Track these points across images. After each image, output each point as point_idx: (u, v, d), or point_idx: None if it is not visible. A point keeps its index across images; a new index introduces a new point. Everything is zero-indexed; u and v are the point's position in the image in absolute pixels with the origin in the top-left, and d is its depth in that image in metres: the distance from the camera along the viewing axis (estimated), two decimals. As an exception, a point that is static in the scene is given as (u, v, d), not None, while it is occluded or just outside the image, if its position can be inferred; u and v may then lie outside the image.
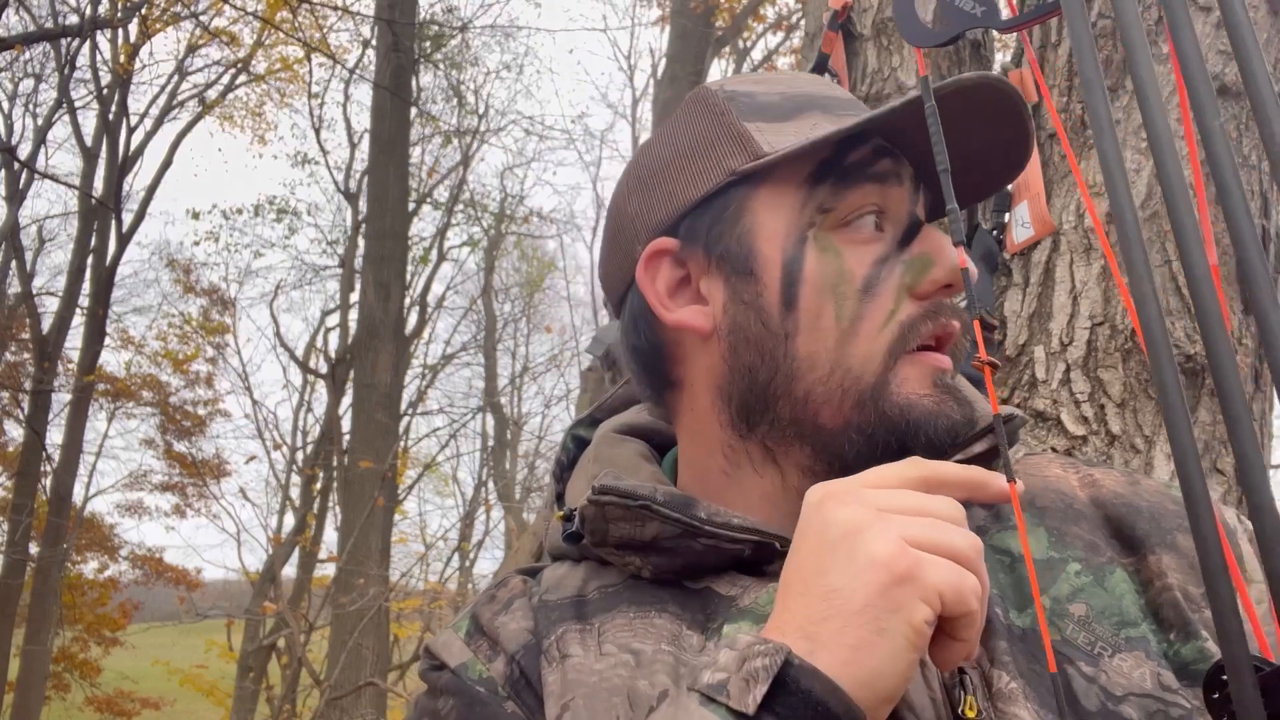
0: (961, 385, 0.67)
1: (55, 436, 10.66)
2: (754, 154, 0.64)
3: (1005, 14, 0.52)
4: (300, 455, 12.85)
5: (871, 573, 0.48)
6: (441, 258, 13.61)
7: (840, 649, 0.48)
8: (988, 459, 0.62)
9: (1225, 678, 0.34)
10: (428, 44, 10.99)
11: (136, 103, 11.85)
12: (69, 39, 8.93)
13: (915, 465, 0.53)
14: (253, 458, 12.82)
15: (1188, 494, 0.35)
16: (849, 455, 0.61)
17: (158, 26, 9.55)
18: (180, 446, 13.69)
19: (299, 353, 13.66)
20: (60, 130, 14.98)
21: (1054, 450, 1.21)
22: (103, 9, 9.26)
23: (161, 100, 11.64)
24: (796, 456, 0.64)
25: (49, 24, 9.45)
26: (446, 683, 0.65)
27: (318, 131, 12.72)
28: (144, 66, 11.28)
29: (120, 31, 9.60)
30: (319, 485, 11.85)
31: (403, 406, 9.73)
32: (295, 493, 12.24)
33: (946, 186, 0.51)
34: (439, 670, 0.67)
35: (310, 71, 11.99)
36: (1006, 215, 1.37)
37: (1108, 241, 1.13)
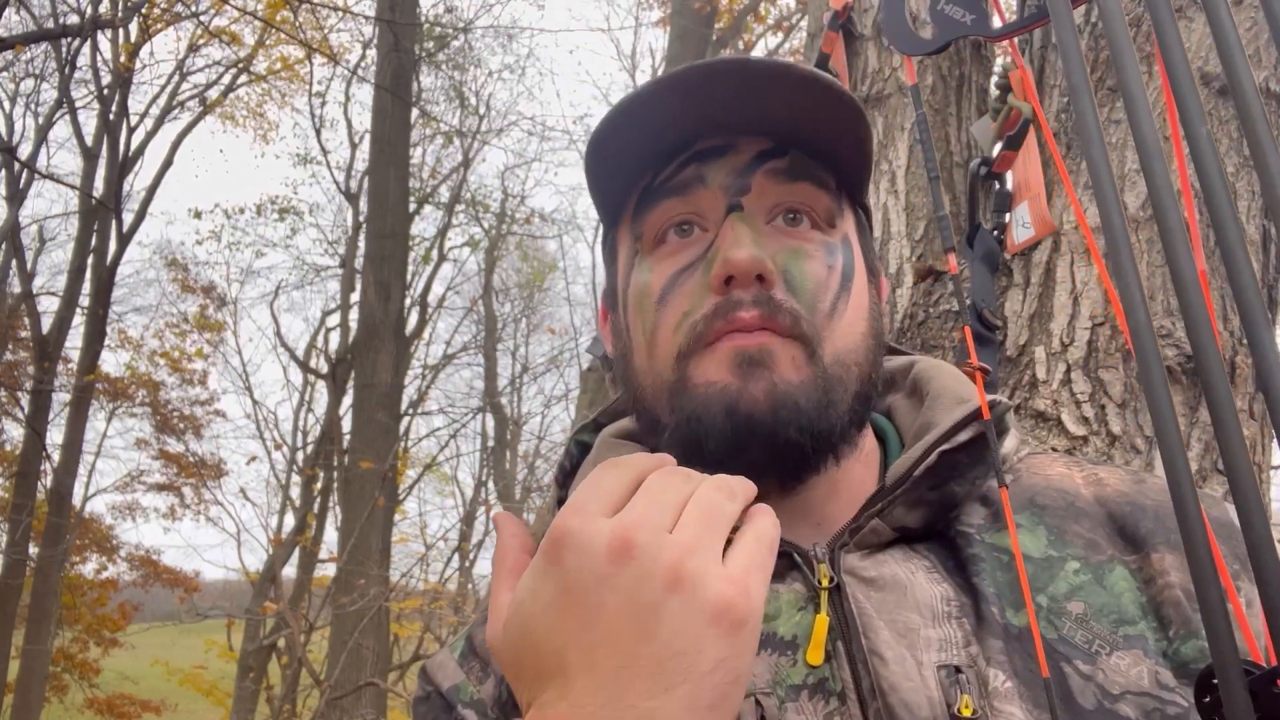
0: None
1: (55, 436, 10.67)
2: (599, 203, 0.72)
3: (996, 22, 0.53)
4: (300, 455, 12.86)
5: (716, 623, 0.42)
6: (442, 258, 13.62)
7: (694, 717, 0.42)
8: (975, 446, 0.63)
9: (1216, 681, 0.34)
10: (430, 44, 10.99)
11: (137, 103, 11.87)
12: (69, 39, 8.93)
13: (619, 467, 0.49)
14: (254, 458, 12.82)
15: (1176, 497, 0.35)
16: (710, 458, 0.61)
17: (158, 26, 9.55)
18: (175, 447, 13.68)
19: (299, 353, 13.67)
20: (61, 130, 15.03)
21: (1054, 450, 1.21)
22: (103, 9, 9.27)
23: (162, 100, 11.65)
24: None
25: (49, 24, 9.45)
26: None
27: (319, 132, 12.73)
28: (144, 66, 11.29)
29: (121, 31, 9.59)
30: (319, 485, 11.84)
31: (403, 407, 9.72)
32: (295, 493, 12.24)
33: (936, 194, 0.52)
34: (426, 701, 0.68)
35: (311, 72, 11.99)
36: (1007, 215, 1.37)
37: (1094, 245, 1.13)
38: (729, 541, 0.46)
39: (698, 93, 0.62)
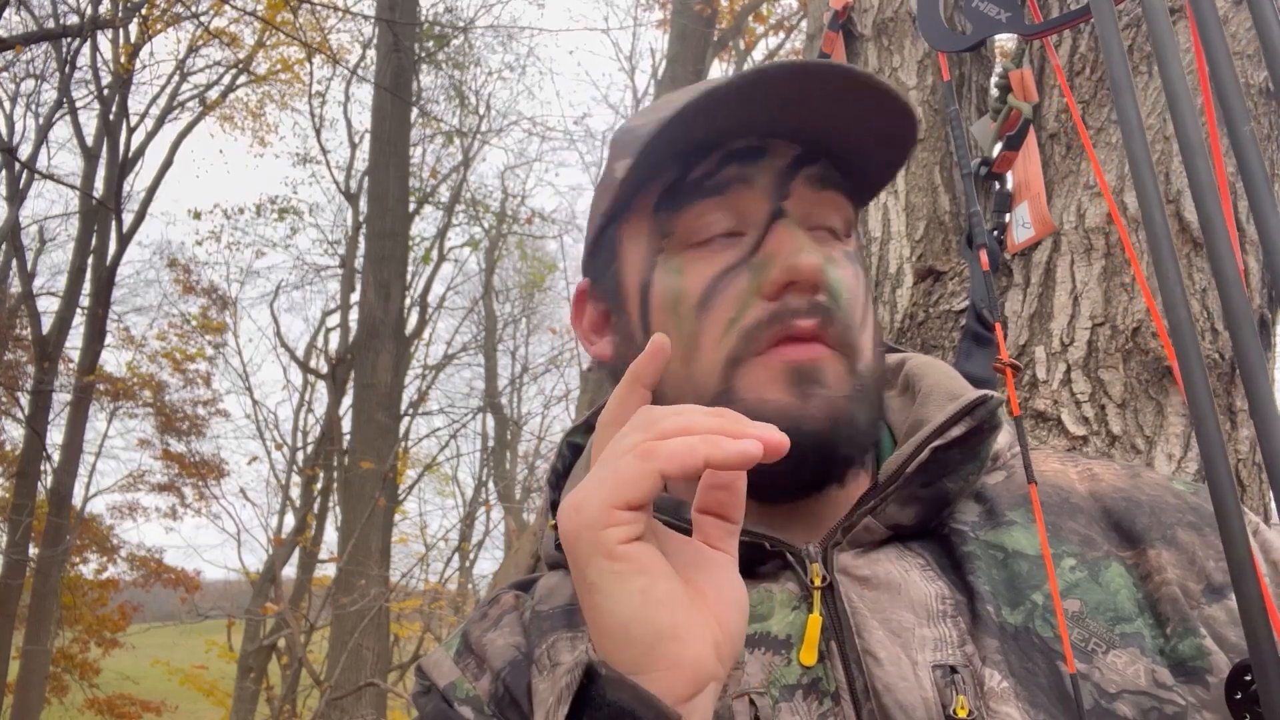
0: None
1: (55, 436, 10.67)
2: (614, 194, 0.67)
3: (1030, 19, 0.52)
4: (300, 455, 12.85)
5: (566, 548, 0.48)
6: (442, 258, 13.62)
7: (596, 630, 0.47)
8: (967, 442, 0.62)
9: (1249, 678, 0.34)
10: (430, 44, 10.99)
11: (137, 103, 11.84)
12: (69, 39, 8.93)
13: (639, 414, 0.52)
14: (254, 459, 12.82)
15: (1215, 491, 0.34)
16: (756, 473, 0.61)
17: (158, 27, 9.55)
18: (178, 447, 13.68)
19: (299, 353, 13.67)
20: (61, 130, 15.01)
21: (1053, 447, 1.21)
22: (103, 9, 9.26)
23: (162, 100, 11.65)
24: None
25: (50, 24, 9.44)
26: (431, 711, 0.67)
27: (318, 132, 12.73)
28: (144, 67, 11.28)
29: (121, 31, 9.59)
30: (319, 485, 11.84)
31: (403, 407, 9.72)
32: (295, 493, 12.23)
33: (969, 190, 0.51)
34: (427, 694, 0.68)
35: (311, 72, 11.99)
36: (1007, 215, 1.37)
37: (1128, 238, 1.13)
38: None
39: (754, 94, 0.60)
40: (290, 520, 11.90)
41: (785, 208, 0.63)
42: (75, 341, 10.49)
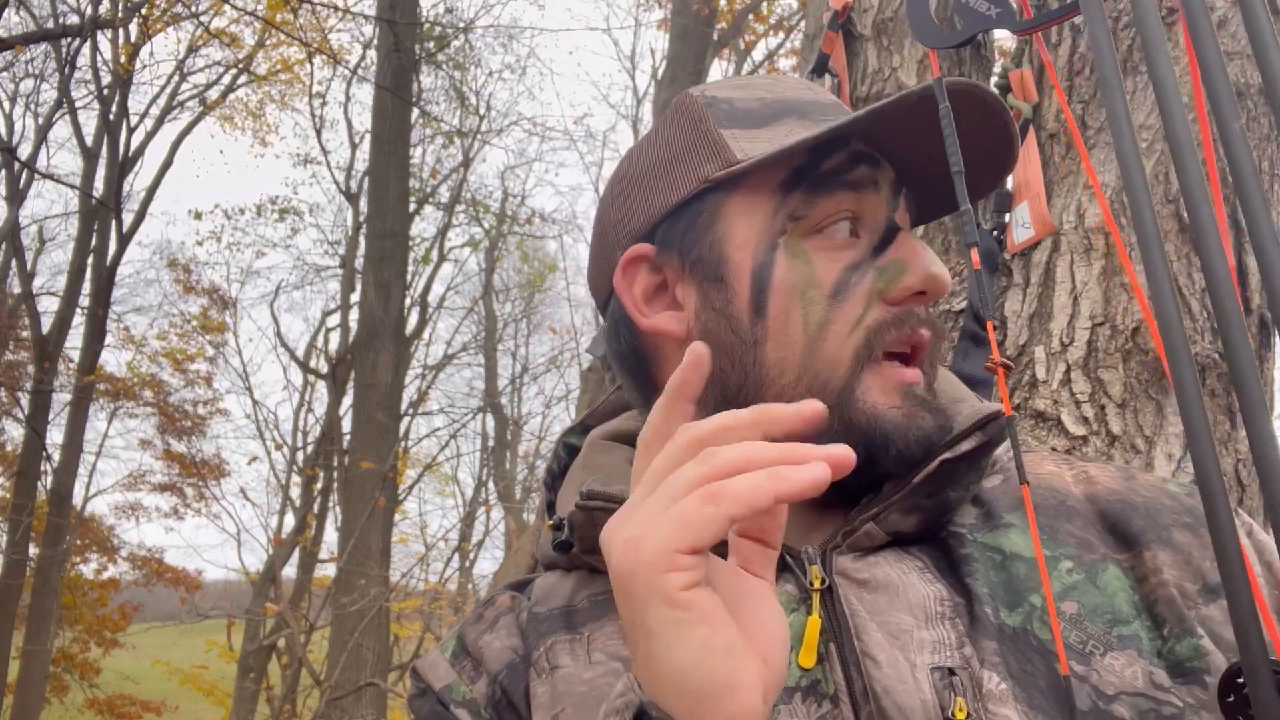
0: (942, 390, 0.67)
1: (55, 436, 10.67)
2: (727, 161, 0.64)
3: (1021, 16, 0.52)
4: (300, 455, 12.85)
5: (618, 584, 0.47)
6: (442, 258, 13.62)
7: (646, 671, 0.46)
8: (977, 456, 0.62)
9: (1241, 680, 0.34)
10: (430, 44, 10.98)
11: (137, 103, 11.84)
12: (69, 39, 8.93)
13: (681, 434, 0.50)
14: (254, 459, 12.82)
15: (1206, 496, 0.35)
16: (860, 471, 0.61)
17: (158, 27, 9.55)
18: (179, 447, 13.68)
19: (300, 353, 13.67)
20: (61, 130, 15.00)
21: (1052, 449, 1.21)
22: (103, 9, 9.26)
23: (162, 100, 11.64)
24: None
25: (49, 24, 9.45)
26: (427, 714, 0.66)
27: (319, 132, 12.73)
28: (144, 66, 11.28)
29: (121, 31, 9.58)
30: (319, 485, 11.84)
31: (403, 407, 9.72)
32: (295, 493, 12.23)
33: (960, 189, 0.51)
34: (422, 697, 0.68)
35: (311, 72, 11.99)
36: (1007, 215, 1.37)
37: (1120, 240, 1.13)
38: None
39: (911, 114, 0.60)
40: (290, 520, 11.90)
41: (897, 220, 0.65)
42: (75, 341, 10.50)
